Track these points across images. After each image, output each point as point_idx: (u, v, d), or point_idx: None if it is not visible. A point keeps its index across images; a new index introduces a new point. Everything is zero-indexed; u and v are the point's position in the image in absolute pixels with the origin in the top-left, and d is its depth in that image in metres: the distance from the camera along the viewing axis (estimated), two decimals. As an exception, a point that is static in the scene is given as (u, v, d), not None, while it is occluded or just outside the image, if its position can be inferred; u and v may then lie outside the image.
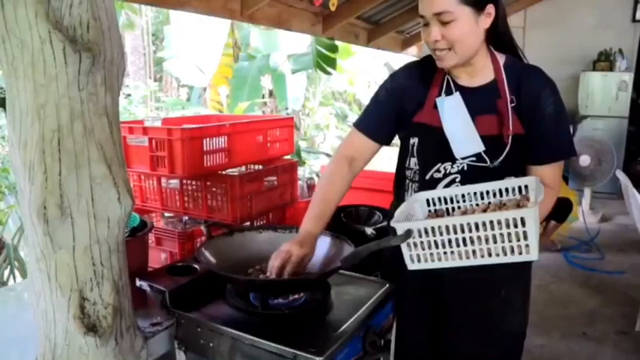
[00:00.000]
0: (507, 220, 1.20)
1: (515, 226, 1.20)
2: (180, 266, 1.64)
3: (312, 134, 8.93)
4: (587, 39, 7.06)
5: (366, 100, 10.09)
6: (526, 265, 1.63)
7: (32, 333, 1.22)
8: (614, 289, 4.12)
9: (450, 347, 1.68)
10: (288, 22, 3.96)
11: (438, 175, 1.55)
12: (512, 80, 1.48)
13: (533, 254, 1.21)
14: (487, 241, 1.23)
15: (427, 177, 1.57)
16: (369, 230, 1.98)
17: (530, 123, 1.47)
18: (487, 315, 1.61)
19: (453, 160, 1.52)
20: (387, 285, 1.64)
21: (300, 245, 1.47)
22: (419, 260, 1.32)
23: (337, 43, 5.89)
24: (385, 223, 2.10)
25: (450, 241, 1.27)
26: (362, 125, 1.65)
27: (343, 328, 1.38)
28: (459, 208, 1.43)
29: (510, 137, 1.45)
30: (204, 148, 1.86)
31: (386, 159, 3.13)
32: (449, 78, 1.54)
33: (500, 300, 1.59)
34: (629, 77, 6.85)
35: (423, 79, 1.58)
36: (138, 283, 1.52)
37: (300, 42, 6.68)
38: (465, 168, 1.52)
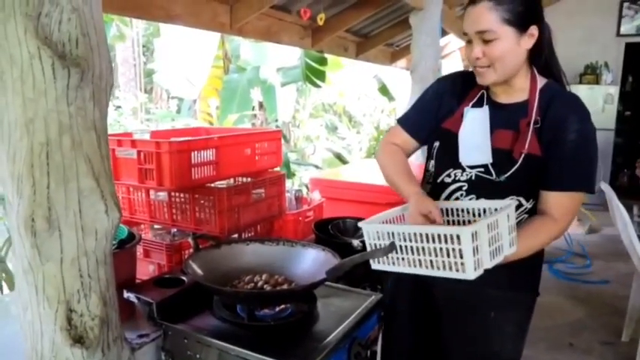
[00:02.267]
0: (445, 236, 1.23)
1: (453, 242, 1.22)
2: (168, 278, 1.65)
3: (302, 146, 8.95)
4: (573, 53, 7.14)
5: (355, 112, 10.14)
6: (527, 295, 1.63)
7: (20, 345, 1.23)
8: (600, 299, 4.16)
9: (440, 356, 1.68)
10: (278, 35, 3.98)
11: (447, 180, 1.58)
12: (543, 102, 1.48)
13: (468, 273, 1.22)
14: (430, 253, 1.26)
15: (439, 180, 1.60)
16: (356, 242, 2.00)
17: (549, 146, 1.45)
18: (475, 335, 1.60)
19: (464, 168, 1.54)
20: (373, 296, 1.66)
21: (426, 199, 1.47)
22: (379, 261, 1.37)
23: (326, 55, 5.93)
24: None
25: (401, 247, 1.31)
26: (404, 121, 1.72)
27: (329, 339, 1.40)
28: (455, 221, 1.47)
29: (523, 156, 1.45)
30: (192, 161, 1.87)
31: (371, 171, 3.15)
32: (484, 92, 1.57)
33: (489, 322, 1.58)
34: (614, 90, 6.96)
35: (462, 89, 1.62)
36: (125, 294, 1.53)
37: (289, 55, 6.71)
38: (473, 178, 1.53)
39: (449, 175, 1.58)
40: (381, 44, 5.63)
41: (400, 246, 1.31)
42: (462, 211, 1.48)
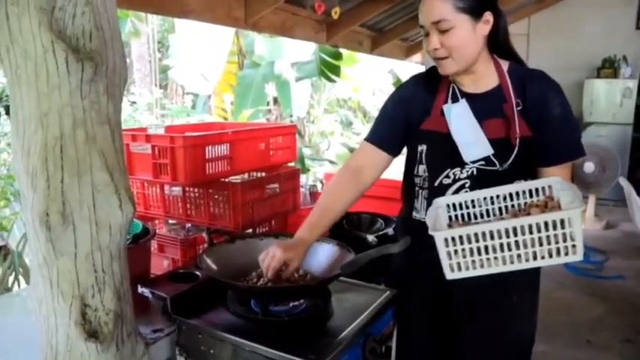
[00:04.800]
0: (554, 222, 1.17)
1: (563, 227, 1.17)
2: (182, 273, 1.65)
3: (316, 141, 8.94)
4: (591, 46, 7.06)
5: (370, 107, 10.12)
6: (536, 272, 1.64)
7: (37, 339, 1.23)
8: (619, 296, 4.10)
9: (457, 353, 1.68)
10: (292, 30, 3.98)
11: (447, 181, 1.57)
12: (517, 84, 1.50)
13: (579, 254, 1.18)
14: (533, 244, 1.20)
15: (436, 183, 1.59)
16: (371, 237, 1.98)
17: (538, 125, 1.48)
18: (496, 321, 1.62)
19: (462, 165, 1.54)
20: (388, 292, 1.65)
21: (285, 249, 1.47)
22: (459, 269, 1.26)
23: (341, 50, 5.91)
24: (386, 231, 2.10)
25: (493, 247, 1.23)
26: (372, 137, 1.69)
27: (343, 334, 1.39)
28: (481, 212, 1.43)
29: (518, 140, 1.47)
30: (207, 156, 1.87)
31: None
32: (454, 86, 1.57)
33: (510, 306, 1.61)
34: (633, 84, 6.84)
35: (428, 87, 1.61)
36: (140, 289, 1.53)
37: (304, 49, 6.71)
38: (475, 172, 1.53)
39: (447, 176, 1.57)
40: (395, 39, 5.61)
41: (492, 245, 1.22)
42: (484, 199, 1.43)
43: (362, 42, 5.22)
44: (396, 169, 1.73)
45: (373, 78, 9.39)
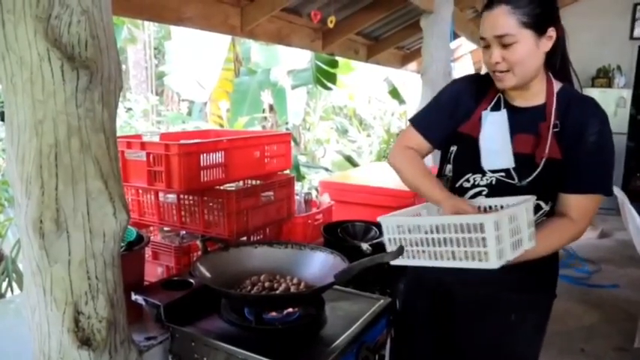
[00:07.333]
0: (468, 225, 1.23)
1: (476, 231, 1.21)
2: (176, 280, 1.65)
3: (312, 149, 8.94)
4: (585, 56, 7.09)
5: (366, 115, 10.11)
6: (546, 296, 1.63)
7: (30, 346, 1.23)
8: (613, 304, 4.11)
9: None
10: (288, 38, 3.99)
11: (466, 185, 1.57)
12: (561, 106, 1.48)
13: (491, 262, 1.21)
14: (452, 244, 1.27)
15: (457, 185, 1.59)
16: (365, 246, 1.99)
17: (570, 149, 1.45)
18: (492, 337, 1.60)
19: (484, 172, 1.53)
20: (382, 300, 1.65)
21: (460, 202, 1.43)
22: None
23: (337, 58, 5.92)
24: (381, 239, 2.10)
25: (422, 240, 1.32)
26: (418, 123, 1.65)
27: (336, 343, 1.39)
28: None
29: (544, 160, 1.45)
30: (202, 164, 1.87)
31: (381, 175, 3.15)
32: (501, 96, 1.55)
33: (508, 325, 1.58)
34: (627, 93, 6.91)
35: (477, 92, 1.60)
36: (133, 297, 1.53)
37: (300, 57, 6.72)
38: (494, 182, 1.52)
39: (468, 180, 1.57)
40: (391, 47, 5.62)
41: (421, 239, 1.32)
42: (485, 209, 1.47)
43: (358, 50, 5.23)
44: (390, 178, 1.73)
45: (369, 86, 9.41)
